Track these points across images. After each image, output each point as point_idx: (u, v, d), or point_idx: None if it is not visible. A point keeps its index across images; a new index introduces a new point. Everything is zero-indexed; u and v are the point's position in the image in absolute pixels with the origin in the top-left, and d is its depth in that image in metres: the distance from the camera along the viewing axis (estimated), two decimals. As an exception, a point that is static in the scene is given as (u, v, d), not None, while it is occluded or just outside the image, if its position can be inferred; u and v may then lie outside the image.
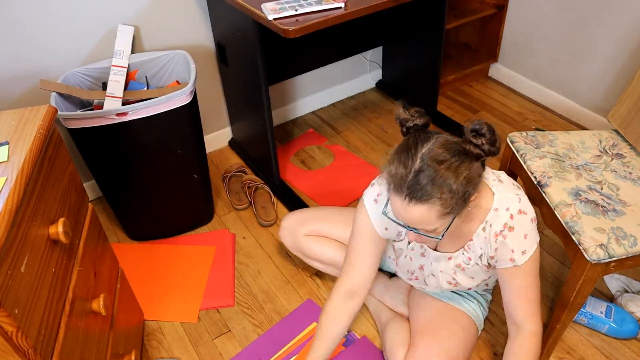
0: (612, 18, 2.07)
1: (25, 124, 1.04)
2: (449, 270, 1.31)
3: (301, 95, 2.51)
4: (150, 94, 1.71)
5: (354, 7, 1.55)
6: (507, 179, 1.21)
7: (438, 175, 0.99)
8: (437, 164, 0.99)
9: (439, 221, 1.04)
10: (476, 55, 2.69)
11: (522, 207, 1.16)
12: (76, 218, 1.16)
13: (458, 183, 1.00)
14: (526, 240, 1.16)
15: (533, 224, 1.17)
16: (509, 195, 1.16)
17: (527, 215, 1.16)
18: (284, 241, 1.67)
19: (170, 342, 1.60)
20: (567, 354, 1.51)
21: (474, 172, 1.03)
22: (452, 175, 1.00)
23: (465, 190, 1.02)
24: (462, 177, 1.01)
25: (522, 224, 1.15)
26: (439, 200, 1.00)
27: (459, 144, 1.03)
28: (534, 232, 1.17)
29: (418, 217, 1.03)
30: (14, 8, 1.61)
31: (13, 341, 0.85)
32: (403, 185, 1.01)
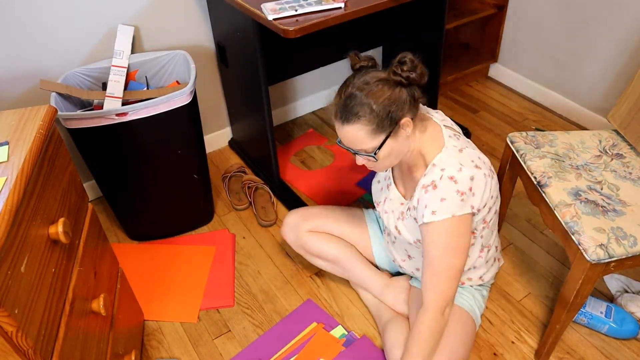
0: (612, 18, 2.07)
1: (25, 124, 1.04)
2: (396, 213, 1.37)
3: (301, 96, 2.51)
4: (150, 94, 1.71)
5: (354, 7, 1.55)
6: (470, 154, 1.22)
7: (361, 97, 1.15)
8: (360, 90, 1.15)
9: (369, 139, 1.18)
10: (476, 55, 2.69)
11: (457, 176, 1.18)
12: (76, 218, 1.16)
13: (379, 103, 1.14)
14: (441, 203, 1.18)
15: (458, 195, 1.18)
16: (452, 160, 1.20)
17: (455, 184, 1.18)
18: (287, 237, 1.66)
19: (170, 342, 1.60)
20: (567, 354, 1.51)
21: (396, 96, 1.15)
22: (373, 97, 1.14)
23: (388, 109, 1.15)
24: (383, 98, 1.14)
25: (446, 187, 1.18)
26: (364, 119, 1.15)
27: (385, 73, 1.17)
28: (454, 201, 1.18)
29: (350, 137, 1.19)
30: (14, 8, 1.61)
31: (13, 341, 0.85)
32: (337, 110, 1.18)
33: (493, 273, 1.48)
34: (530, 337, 1.56)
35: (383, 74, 1.18)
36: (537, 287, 1.70)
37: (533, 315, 1.62)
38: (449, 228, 1.20)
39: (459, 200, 1.18)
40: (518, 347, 1.54)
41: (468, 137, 2.33)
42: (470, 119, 2.49)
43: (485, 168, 1.23)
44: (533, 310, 1.63)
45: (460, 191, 1.18)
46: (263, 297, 1.72)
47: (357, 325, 1.62)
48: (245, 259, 1.85)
